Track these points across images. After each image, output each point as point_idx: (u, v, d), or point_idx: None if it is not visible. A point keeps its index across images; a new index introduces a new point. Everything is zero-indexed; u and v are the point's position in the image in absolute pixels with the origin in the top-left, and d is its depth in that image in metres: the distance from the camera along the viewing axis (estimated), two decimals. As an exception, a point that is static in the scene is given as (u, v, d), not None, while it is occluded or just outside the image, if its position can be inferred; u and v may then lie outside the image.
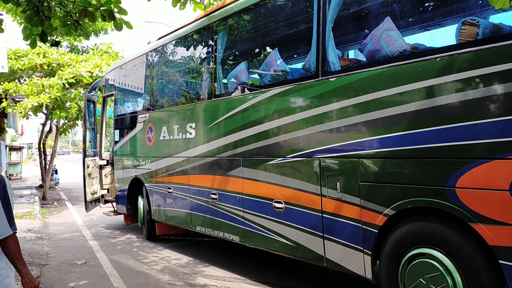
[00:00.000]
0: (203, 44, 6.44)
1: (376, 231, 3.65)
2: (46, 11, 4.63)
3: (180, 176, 6.69)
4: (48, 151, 18.20)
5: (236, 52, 6.15)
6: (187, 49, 6.85)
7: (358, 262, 3.87)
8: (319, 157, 4.22)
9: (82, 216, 11.03)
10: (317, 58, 4.21)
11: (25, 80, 13.72)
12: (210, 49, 6.12)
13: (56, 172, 19.38)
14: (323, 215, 4.19)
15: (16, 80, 13.98)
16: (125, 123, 8.69)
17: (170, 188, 6.99)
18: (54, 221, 10.58)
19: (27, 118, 13.61)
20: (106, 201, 9.65)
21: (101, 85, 10.14)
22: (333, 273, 5.03)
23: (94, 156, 9.60)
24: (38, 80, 12.48)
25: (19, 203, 12.85)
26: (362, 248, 3.81)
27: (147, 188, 7.75)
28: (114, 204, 9.29)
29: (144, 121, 7.73)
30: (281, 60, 4.90)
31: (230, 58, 6.16)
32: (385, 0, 4.10)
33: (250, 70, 5.62)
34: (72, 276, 5.87)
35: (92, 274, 5.92)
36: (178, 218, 6.89)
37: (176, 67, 7.26)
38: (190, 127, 6.35)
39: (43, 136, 16.07)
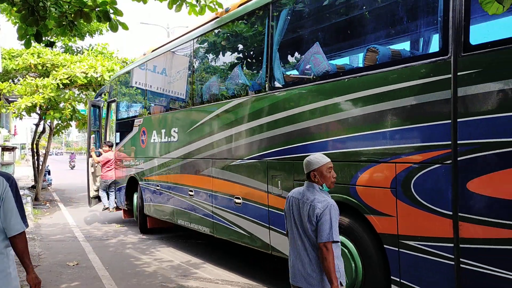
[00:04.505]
0: (183, 59, 7.67)
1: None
2: (41, 11, 4.76)
3: (166, 175, 7.94)
4: (41, 151, 18.24)
5: (210, 67, 7.29)
6: (171, 63, 8.13)
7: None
8: (266, 160, 5.26)
9: (74, 217, 11.57)
10: (266, 74, 5.27)
11: (19, 80, 13.98)
12: (188, 64, 7.35)
13: (49, 173, 19.58)
14: (269, 209, 5.25)
15: (10, 80, 14.35)
16: (124, 127, 10.01)
17: (158, 186, 8.21)
18: (46, 222, 10.92)
19: (21, 118, 13.94)
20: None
21: (106, 92, 11.52)
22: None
23: (99, 156, 10.83)
24: (32, 80, 12.92)
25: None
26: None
27: (140, 185, 9.03)
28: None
29: (139, 125, 9.05)
30: (243, 75, 5.98)
31: (205, 71, 7.29)
32: (315, 28, 5.16)
33: (219, 83, 6.74)
34: (64, 277, 6.08)
35: (84, 276, 6.18)
36: (164, 213, 8.12)
37: (164, 77, 8.51)
38: (174, 131, 7.50)
39: (36, 137, 16.23)
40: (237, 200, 5.82)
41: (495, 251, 3.04)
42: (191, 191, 7.00)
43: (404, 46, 4.52)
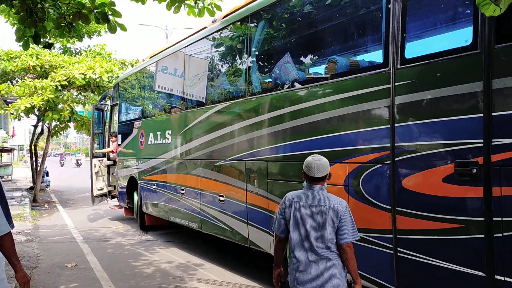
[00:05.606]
0: (175, 66, 8.52)
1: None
2: (40, 12, 4.93)
3: (161, 175, 8.84)
4: (40, 153, 19.00)
5: (198, 74, 8.01)
6: (166, 69, 8.97)
7: (267, 242, 5.51)
8: (245, 160, 5.97)
9: (73, 219, 12.10)
10: (245, 80, 5.99)
11: (17, 81, 14.64)
12: (180, 71, 8.24)
13: (47, 174, 20.28)
14: (247, 206, 5.96)
15: (9, 82, 14.92)
16: (125, 129, 10.96)
17: (154, 185, 9.13)
18: (44, 224, 11.32)
19: (19, 120, 14.58)
20: (112, 197, 11.96)
21: (109, 95, 12.55)
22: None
23: (103, 157, 11.93)
24: (30, 81, 13.56)
25: (10, 205, 13.50)
26: (269, 231, 5.45)
27: (139, 185, 9.97)
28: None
29: (138, 128, 10.02)
30: (225, 81, 6.73)
31: (193, 78, 8.01)
32: (286, 41, 5.82)
33: (205, 89, 7.50)
34: (62, 279, 6.37)
35: (83, 277, 6.45)
36: (159, 210, 9.04)
37: (159, 82, 9.36)
38: (168, 133, 8.35)
39: (35, 138, 16.92)
40: (221, 198, 6.59)
41: (425, 241, 3.63)
42: (183, 189, 7.84)
43: (355, 59, 5.08)
